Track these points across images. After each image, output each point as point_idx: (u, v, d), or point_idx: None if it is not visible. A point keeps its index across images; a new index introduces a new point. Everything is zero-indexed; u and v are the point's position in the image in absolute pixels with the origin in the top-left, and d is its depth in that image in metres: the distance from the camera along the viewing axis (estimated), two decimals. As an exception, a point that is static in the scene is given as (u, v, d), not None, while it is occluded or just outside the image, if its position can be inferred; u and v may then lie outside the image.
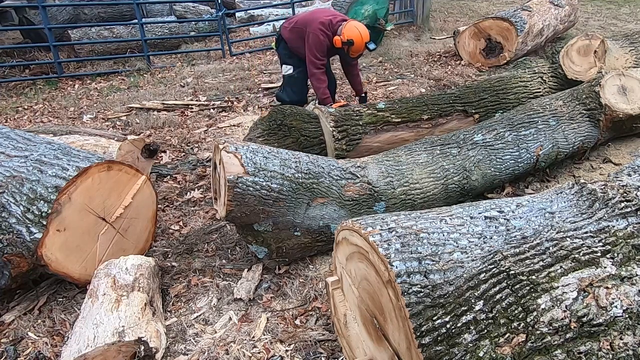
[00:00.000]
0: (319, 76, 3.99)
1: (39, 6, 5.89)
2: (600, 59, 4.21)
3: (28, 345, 2.08)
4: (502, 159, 2.97)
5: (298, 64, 4.18)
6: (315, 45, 3.90)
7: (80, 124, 4.71)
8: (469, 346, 1.24)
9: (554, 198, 1.69)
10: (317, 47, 3.91)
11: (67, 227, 2.19)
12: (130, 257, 2.25)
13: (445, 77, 5.46)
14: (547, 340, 1.24)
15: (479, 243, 1.43)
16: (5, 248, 2.09)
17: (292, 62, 4.22)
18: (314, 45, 3.91)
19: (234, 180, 2.17)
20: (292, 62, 4.21)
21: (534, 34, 5.69)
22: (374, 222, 1.49)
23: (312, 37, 3.89)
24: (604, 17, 8.18)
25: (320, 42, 3.88)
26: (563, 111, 3.34)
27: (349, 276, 1.69)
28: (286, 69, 4.27)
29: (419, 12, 8.12)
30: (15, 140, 2.41)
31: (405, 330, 1.31)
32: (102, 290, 2.04)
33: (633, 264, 1.39)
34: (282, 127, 3.20)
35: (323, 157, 2.62)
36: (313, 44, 3.91)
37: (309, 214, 2.41)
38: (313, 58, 3.94)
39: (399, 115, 3.40)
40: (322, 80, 4.01)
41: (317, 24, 3.89)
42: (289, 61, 4.25)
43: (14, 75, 6.34)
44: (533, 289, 1.31)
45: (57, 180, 2.16)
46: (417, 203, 2.64)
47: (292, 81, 4.30)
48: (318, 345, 2.01)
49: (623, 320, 1.29)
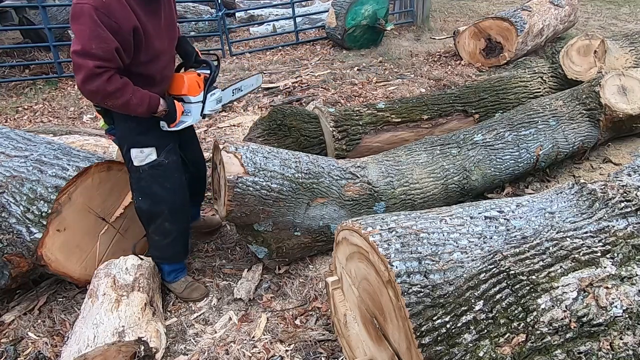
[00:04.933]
0: (117, 84, 1.86)
1: (39, 6, 5.88)
2: (600, 59, 4.21)
3: (28, 345, 2.08)
4: (502, 159, 2.97)
5: (157, 135, 2.14)
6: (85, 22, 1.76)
7: (80, 124, 4.71)
8: (469, 346, 1.24)
9: (554, 198, 1.69)
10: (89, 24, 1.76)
11: (67, 227, 2.19)
12: (130, 257, 2.25)
13: (445, 77, 5.46)
14: (547, 340, 1.24)
15: (479, 243, 1.43)
16: (5, 248, 2.09)
17: (145, 135, 2.12)
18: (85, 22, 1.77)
19: (234, 180, 2.17)
20: (145, 135, 2.12)
21: (534, 34, 5.69)
22: (374, 222, 1.49)
23: (80, 14, 1.77)
24: (604, 17, 8.17)
25: (93, 18, 1.75)
26: (563, 111, 3.34)
27: (349, 276, 1.69)
28: (140, 154, 2.13)
29: (419, 12, 8.12)
30: (15, 140, 2.41)
31: (405, 330, 1.31)
32: (102, 290, 2.03)
33: (633, 264, 1.39)
34: (282, 127, 3.20)
35: (323, 157, 2.62)
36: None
37: (309, 214, 2.41)
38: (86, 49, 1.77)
39: (399, 115, 3.40)
40: (126, 90, 1.90)
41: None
42: (136, 137, 2.11)
43: (14, 75, 6.33)
44: (533, 289, 1.31)
45: (57, 180, 2.16)
46: (417, 203, 2.64)
47: (158, 173, 2.16)
48: (318, 345, 2.01)
49: (623, 320, 1.29)
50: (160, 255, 2.34)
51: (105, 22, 1.78)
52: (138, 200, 2.23)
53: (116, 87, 1.87)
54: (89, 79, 1.81)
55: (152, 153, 2.14)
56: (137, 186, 2.21)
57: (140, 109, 1.98)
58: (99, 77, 1.81)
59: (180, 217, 2.29)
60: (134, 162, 2.14)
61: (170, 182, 2.21)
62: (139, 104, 1.96)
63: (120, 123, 2.12)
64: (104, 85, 1.83)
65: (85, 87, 1.83)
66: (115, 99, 1.89)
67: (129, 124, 2.09)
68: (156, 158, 2.15)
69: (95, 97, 1.90)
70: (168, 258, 2.35)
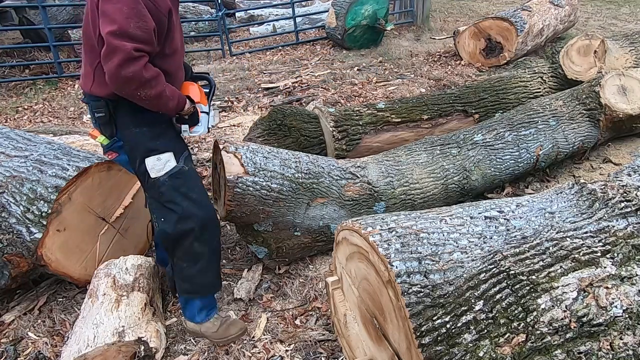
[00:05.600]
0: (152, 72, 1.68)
1: (39, 6, 5.89)
2: (600, 59, 4.21)
3: (28, 345, 2.08)
4: (502, 159, 2.97)
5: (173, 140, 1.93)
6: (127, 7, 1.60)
7: (80, 124, 4.71)
8: (469, 346, 1.24)
9: (554, 198, 1.69)
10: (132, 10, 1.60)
11: (67, 227, 2.19)
12: (130, 257, 2.25)
13: (445, 77, 5.46)
14: (547, 340, 1.24)
15: (479, 243, 1.43)
16: (5, 248, 2.09)
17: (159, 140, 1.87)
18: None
19: (234, 180, 2.17)
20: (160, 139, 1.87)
21: (534, 34, 5.69)
22: (374, 222, 1.49)
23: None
24: (604, 17, 8.17)
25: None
26: (563, 111, 3.34)
27: (349, 276, 1.69)
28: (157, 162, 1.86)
29: (419, 12, 8.11)
30: (15, 140, 2.41)
31: (405, 330, 1.31)
32: (102, 290, 2.03)
33: (633, 264, 1.39)
34: (282, 127, 3.20)
35: (323, 157, 2.62)
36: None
37: (309, 214, 2.41)
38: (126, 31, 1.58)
39: (399, 115, 3.40)
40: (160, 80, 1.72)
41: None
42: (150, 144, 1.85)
43: (14, 75, 6.34)
44: (533, 289, 1.31)
45: (57, 180, 2.16)
46: (417, 203, 2.64)
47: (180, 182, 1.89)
48: (318, 345, 2.01)
49: (623, 320, 1.29)
50: (192, 288, 1.93)
51: (151, 3, 1.62)
52: (160, 223, 1.88)
53: (152, 74, 1.66)
54: (125, 63, 1.57)
55: (170, 159, 1.85)
56: (158, 204, 1.88)
57: (171, 103, 1.78)
58: (136, 61, 1.59)
59: (211, 233, 1.95)
60: (151, 174, 1.83)
61: (195, 191, 1.90)
62: (170, 97, 1.76)
63: (127, 131, 1.83)
64: (141, 71, 1.61)
65: (121, 72, 1.58)
66: (149, 88, 1.66)
67: (140, 129, 1.82)
68: (176, 164, 1.87)
69: (129, 86, 1.64)
70: (200, 290, 1.95)
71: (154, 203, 1.92)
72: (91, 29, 1.74)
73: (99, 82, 1.79)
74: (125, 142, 1.87)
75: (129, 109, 1.80)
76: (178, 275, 1.97)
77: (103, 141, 1.89)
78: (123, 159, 1.98)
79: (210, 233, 1.95)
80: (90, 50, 1.78)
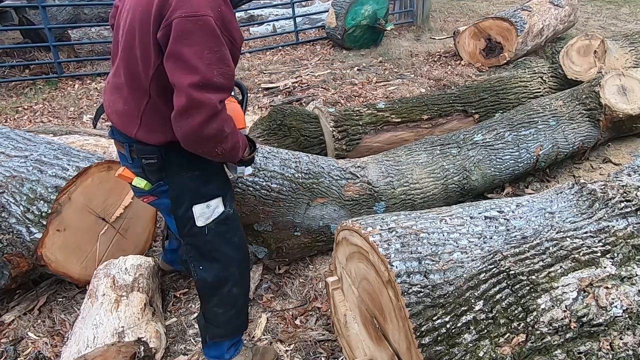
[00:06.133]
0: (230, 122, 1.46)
1: (39, 6, 5.88)
2: (600, 59, 4.21)
3: (28, 345, 2.08)
4: (502, 159, 2.97)
5: (222, 182, 1.72)
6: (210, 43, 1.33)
7: (80, 124, 4.71)
8: (469, 346, 1.24)
9: (554, 198, 1.69)
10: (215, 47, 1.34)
11: (67, 227, 2.19)
12: (130, 257, 2.25)
13: (445, 77, 5.46)
14: (547, 340, 1.24)
15: (479, 243, 1.43)
16: (5, 248, 2.09)
17: (209, 185, 1.65)
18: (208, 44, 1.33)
19: (234, 180, 2.17)
20: (210, 184, 1.65)
21: (534, 34, 5.69)
22: (374, 222, 1.49)
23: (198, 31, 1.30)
24: (604, 17, 8.17)
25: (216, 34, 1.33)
26: (563, 111, 3.34)
27: (349, 276, 1.69)
28: (205, 210, 1.65)
29: (419, 12, 8.12)
30: (15, 140, 2.41)
31: (405, 330, 1.31)
32: (101, 291, 2.03)
33: (633, 264, 1.39)
34: (282, 127, 3.20)
35: (323, 157, 2.62)
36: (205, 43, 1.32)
37: (309, 214, 2.41)
38: (210, 78, 1.32)
39: (399, 115, 3.40)
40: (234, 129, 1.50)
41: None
42: (202, 189, 1.63)
43: (14, 75, 6.33)
44: (533, 289, 1.31)
45: (57, 180, 2.16)
46: (417, 203, 2.64)
47: (225, 229, 1.71)
48: (318, 345, 2.01)
49: (623, 320, 1.29)
50: (225, 332, 1.79)
51: (225, 38, 1.35)
52: (199, 271, 1.71)
53: (230, 126, 1.42)
54: (210, 121, 1.32)
55: (219, 205, 1.66)
56: (198, 253, 1.69)
57: (240, 151, 1.53)
58: (220, 115, 1.35)
59: (247, 276, 1.84)
60: (197, 223, 1.62)
61: (237, 235, 1.75)
62: (240, 146, 1.52)
63: (178, 176, 1.57)
64: (223, 125, 1.37)
65: (203, 131, 1.32)
66: (226, 142, 1.42)
67: (192, 174, 1.59)
68: (223, 210, 1.67)
69: (208, 144, 1.38)
70: (234, 332, 1.82)
71: (194, 251, 1.69)
72: (140, 68, 1.42)
73: (150, 129, 1.50)
74: (172, 188, 1.59)
75: (181, 151, 1.48)
76: (212, 321, 1.76)
77: (145, 186, 1.60)
78: (162, 203, 1.68)
79: (247, 274, 1.84)
80: (137, 89, 1.48)
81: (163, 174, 1.57)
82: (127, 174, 1.61)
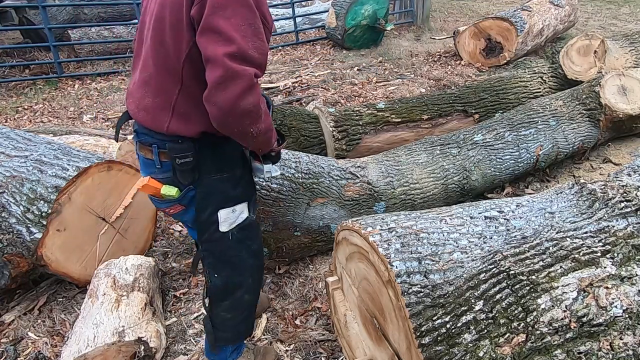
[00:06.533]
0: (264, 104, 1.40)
1: (39, 6, 5.88)
2: (600, 59, 4.21)
3: (28, 345, 2.08)
4: (502, 159, 2.97)
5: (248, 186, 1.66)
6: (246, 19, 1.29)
7: (80, 124, 4.71)
8: (469, 346, 1.24)
9: (554, 198, 1.69)
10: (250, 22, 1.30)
11: (67, 227, 2.19)
12: (130, 257, 2.25)
13: (445, 77, 5.46)
14: (547, 340, 1.24)
15: (479, 243, 1.43)
16: (5, 248, 2.09)
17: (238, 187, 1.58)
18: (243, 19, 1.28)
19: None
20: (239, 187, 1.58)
21: (534, 34, 5.69)
22: (374, 222, 1.49)
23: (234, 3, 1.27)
24: (604, 17, 8.17)
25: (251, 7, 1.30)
26: (563, 111, 3.34)
27: (349, 276, 1.69)
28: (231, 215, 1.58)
29: (419, 12, 8.12)
30: (15, 140, 2.41)
31: (405, 330, 1.31)
32: (102, 290, 2.04)
33: (633, 264, 1.39)
34: (282, 127, 3.20)
35: (323, 157, 2.62)
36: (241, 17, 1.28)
37: (309, 214, 2.41)
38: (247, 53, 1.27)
39: (399, 115, 3.40)
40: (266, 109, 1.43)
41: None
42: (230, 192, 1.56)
43: (14, 75, 6.33)
44: (533, 289, 1.31)
45: (57, 180, 2.16)
46: (417, 203, 2.64)
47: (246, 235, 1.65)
48: (318, 345, 2.01)
49: (623, 320, 1.29)
50: (231, 337, 1.76)
51: (259, 12, 1.32)
52: (214, 278, 1.65)
53: (264, 106, 1.38)
54: (246, 93, 1.26)
55: (244, 210, 1.60)
56: (215, 259, 1.62)
57: (274, 137, 1.49)
58: (255, 89, 1.29)
59: (259, 282, 1.79)
60: (221, 228, 1.55)
61: (256, 241, 1.71)
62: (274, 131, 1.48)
63: (207, 177, 1.49)
64: (259, 101, 1.31)
65: (240, 104, 1.26)
66: (261, 122, 1.36)
67: (221, 175, 1.51)
68: (248, 215, 1.61)
69: (243, 121, 1.31)
70: (238, 337, 1.80)
71: (211, 257, 1.62)
72: (172, 53, 1.36)
73: (184, 119, 1.41)
74: (200, 190, 1.49)
75: (213, 148, 1.46)
76: (220, 326, 1.71)
77: (176, 193, 1.45)
78: (190, 212, 1.55)
79: (260, 281, 1.79)
80: (168, 76, 1.39)
81: (195, 174, 1.47)
82: (153, 183, 1.46)
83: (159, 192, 1.45)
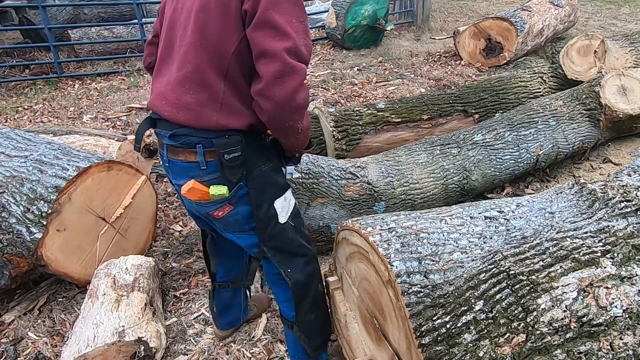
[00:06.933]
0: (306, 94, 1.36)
1: (39, 6, 5.89)
2: (600, 59, 4.21)
3: (28, 345, 2.08)
4: (502, 159, 2.97)
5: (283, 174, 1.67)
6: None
7: (80, 124, 4.71)
8: (469, 346, 1.24)
9: (554, 198, 1.69)
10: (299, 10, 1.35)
11: (67, 227, 2.19)
12: (130, 257, 2.25)
13: (445, 77, 5.46)
14: (547, 340, 1.24)
15: (479, 243, 1.43)
16: (5, 248, 2.10)
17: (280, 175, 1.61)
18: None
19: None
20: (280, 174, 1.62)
21: (534, 34, 5.69)
22: (374, 222, 1.49)
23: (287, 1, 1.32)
24: (604, 17, 8.18)
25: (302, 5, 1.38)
26: (563, 111, 3.34)
27: (349, 276, 1.69)
28: (284, 203, 1.58)
29: (419, 12, 8.12)
30: (15, 140, 2.41)
31: (405, 330, 1.31)
32: (102, 290, 2.04)
33: (633, 264, 1.39)
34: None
35: (323, 157, 2.62)
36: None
37: (309, 214, 2.41)
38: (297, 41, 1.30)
39: (399, 115, 3.40)
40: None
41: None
42: (280, 180, 1.58)
43: (14, 75, 6.33)
44: (533, 289, 1.31)
45: (57, 180, 2.16)
46: (417, 203, 2.64)
47: (299, 221, 1.68)
48: (318, 345, 2.01)
49: (623, 320, 1.29)
50: (323, 340, 1.71)
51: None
52: (289, 273, 1.60)
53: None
54: (301, 88, 1.30)
55: (291, 197, 1.60)
56: (283, 253, 1.59)
57: (309, 134, 1.53)
58: (305, 86, 1.33)
59: (320, 270, 1.76)
60: (279, 219, 1.53)
61: (305, 227, 1.71)
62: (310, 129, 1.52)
63: (257, 168, 1.48)
64: (308, 97, 1.35)
65: (295, 98, 1.29)
66: (306, 118, 1.42)
67: (266, 165, 1.51)
68: (294, 201, 1.62)
69: (294, 116, 1.34)
70: (328, 337, 1.75)
71: (279, 255, 1.58)
72: (218, 47, 1.35)
73: (232, 112, 1.38)
74: (252, 186, 1.46)
75: (259, 139, 1.48)
76: (309, 332, 1.66)
77: (226, 192, 1.41)
78: (238, 213, 1.49)
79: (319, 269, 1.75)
80: (214, 71, 1.37)
81: (244, 170, 1.43)
82: (198, 186, 1.40)
83: (207, 194, 1.40)
